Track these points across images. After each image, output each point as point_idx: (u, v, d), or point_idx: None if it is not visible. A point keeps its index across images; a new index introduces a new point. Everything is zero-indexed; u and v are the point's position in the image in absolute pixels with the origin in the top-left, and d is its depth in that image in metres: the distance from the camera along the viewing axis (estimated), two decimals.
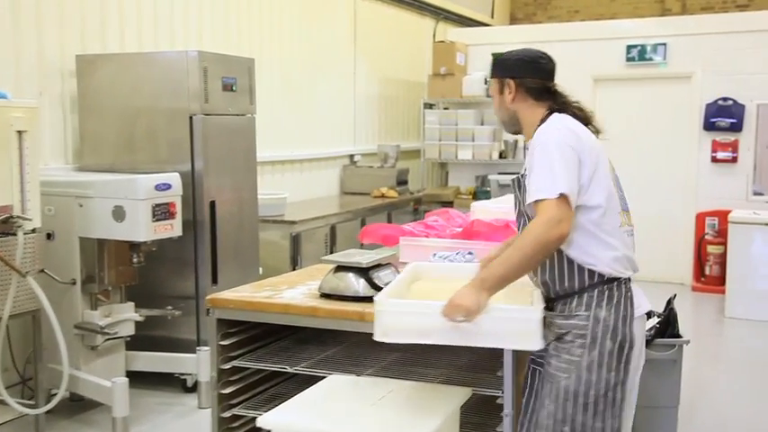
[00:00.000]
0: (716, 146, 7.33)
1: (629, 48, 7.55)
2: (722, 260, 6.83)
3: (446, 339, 2.18)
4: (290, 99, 6.55)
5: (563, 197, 2.10)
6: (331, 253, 5.88)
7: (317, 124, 6.96)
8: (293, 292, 2.83)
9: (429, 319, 2.14)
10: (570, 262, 2.23)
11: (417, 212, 7.45)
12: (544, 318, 2.19)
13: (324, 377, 2.60)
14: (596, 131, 2.34)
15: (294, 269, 5.39)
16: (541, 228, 2.07)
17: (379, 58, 7.93)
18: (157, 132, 4.38)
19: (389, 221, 6.86)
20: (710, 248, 7.13)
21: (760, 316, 6.05)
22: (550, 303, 2.30)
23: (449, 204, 7.77)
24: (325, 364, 2.79)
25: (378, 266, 2.80)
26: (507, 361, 2.40)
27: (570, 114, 2.30)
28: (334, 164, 7.32)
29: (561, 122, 2.27)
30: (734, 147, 7.28)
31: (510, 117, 2.40)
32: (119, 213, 3.86)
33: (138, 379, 4.32)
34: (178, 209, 4.06)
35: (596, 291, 2.22)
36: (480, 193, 7.86)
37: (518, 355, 2.45)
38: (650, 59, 7.50)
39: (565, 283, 2.25)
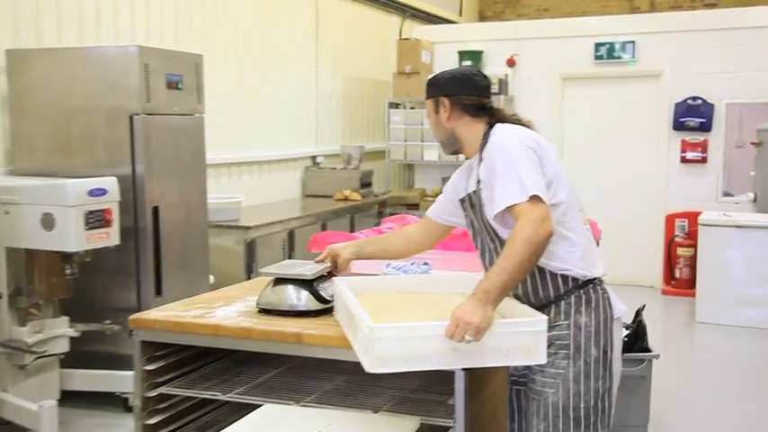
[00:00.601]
0: (685, 146, 7.20)
1: (598, 46, 7.39)
2: (692, 263, 6.68)
3: (447, 363, 2.00)
4: (247, 98, 6.27)
5: (536, 197, 2.04)
6: (289, 259, 5.63)
7: (276, 124, 6.69)
8: (228, 310, 2.57)
9: (430, 343, 1.94)
10: (541, 270, 2.17)
11: (382, 215, 7.20)
12: None
13: (260, 405, 2.36)
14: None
15: (249, 277, 5.15)
16: (529, 228, 1.99)
17: (343, 57, 7.68)
18: (96, 133, 4.08)
19: (352, 225, 6.61)
20: (680, 251, 6.99)
21: (731, 321, 5.90)
22: None
23: (414, 207, 7.56)
24: (262, 389, 2.53)
25: (322, 278, 2.55)
26: (459, 387, 2.15)
27: (510, 123, 2.27)
28: (296, 165, 7.06)
29: (511, 128, 2.23)
30: (703, 147, 7.15)
31: (448, 137, 2.33)
32: (48, 221, 3.56)
33: (76, 398, 4.04)
34: (115, 216, 3.78)
35: (573, 296, 2.17)
36: None
37: (472, 380, 2.22)
38: (619, 58, 7.34)
39: (540, 293, 2.19)
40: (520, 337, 1.98)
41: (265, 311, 2.49)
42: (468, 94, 2.28)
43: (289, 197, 6.93)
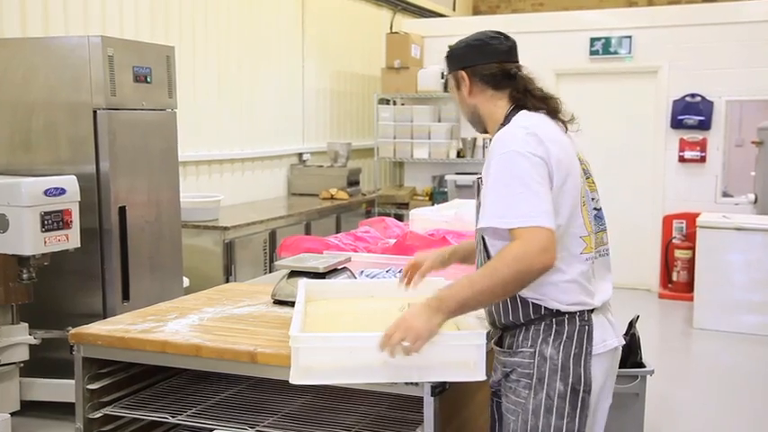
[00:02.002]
0: (683, 145, 6.97)
1: (593, 40, 7.15)
2: (690, 266, 6.46)
3: (376, 377, 1.85)
4: (230, 93, 6.03)
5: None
6: (271, 261, 5.42)
7: (260, 121, 6.45)
8: (179, 324, 2.34)
9: (357, 355, 1.83)
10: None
11: (370, 215, 6.98)
12: (491, 351, 1.97)
13: (211, 429, 2.14)
14: (564, 125, 2.01)
15: (228, 279, 4.95)
16: (519, 255, 1.75)
17: (331, 51, 7.43)
18: (57, 129, 3.85)
19: (338, 225, 6.39)
20: (678, 253, 6.77)
21: (730, 327, 5.67)
22: (500, 336, 2.05)
23: (404, 206, 7.34)
24: (217, 410, 2.31)
25: (334, 271, 2.65)
26: (428, 415, 1.93)
27: (532, 107, 1.96)
28: (281, 163, 6.82)
29: (525, 126, 1.91)
30: (702, 146, 6.92)
31: (472, 114, 2.08)
32: (1, 222, 3.35)
33: (36, 408, 3.84)
34: (75, 217, 3.55)
35: (543, 324, 1.93)
36: (437, 194, 7.42)
37: (446, 403, 2.00)
38: (615, 53, 7.10)
39: (509, 316, 1.96)
40: (455, 351, 1.86)
41: (281, 302, 2.57)
42: (488, 62, 2.01)
43: (273, 196, 6.70)
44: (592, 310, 1.93)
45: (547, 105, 1.99)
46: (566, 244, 1.89)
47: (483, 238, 1.98)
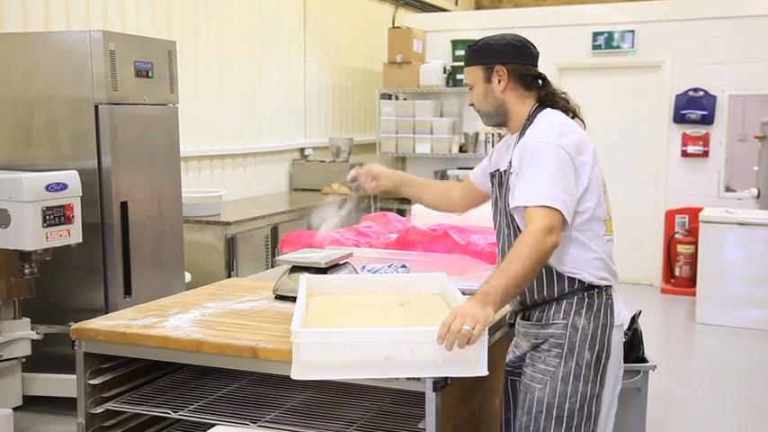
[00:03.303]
0: (686, 139, 6.95)
1: (596, 35, 7.13)
2: (693, 261, 6.46)
3: (378, 373, 1.86)
4: (231, 88, 6.03)
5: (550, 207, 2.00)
6: (272, 256, 5.42)
7: (262, 116, 6.45)
8: (181, 319, 2.34)
9: (359, 350, 1.85)
10: (549, 269, 2.12)
11: (372, 210, 6.97)
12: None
13: (213, 424, 2.13)
14: (583, 125, 2.23)
15: (230, 274, 4.96)
16: (537, 236, 1.95)
17: (333, 46, 7.42)
18: (59, 124, 3.84)
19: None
20: (681, 248, 6.76)
21: (732, 322, 5.66)
22: (526, 312, 2.21)
23: (406, 201, 7.32)
24: (218, 405, 2.31)
25: (336, 266, 2.65)
26: (430, 410, 1.93)
27: (559, 108, 2.18)
28: (282, 158, 6.82)
29: (558, 122, 2.12)
30: (705, 140, 6.90)
31: (497, 108, 2.22)
32: (3, 218, 3.34)
33: (39, 403, 3.84)
34: (77, 212, 3.55)
35: (576, 298, 2.12)
36: None
37: (450, 396, 2.00)
38: (617, 47, 7.08)
39: (543, 291, 2.14)
40: (457, 348, 1.84)
41: (282, 298, 2.55)
42: (524, 63, 2.18)
43: (275, 191, 6.70)
44: (610, 287, 2.16)
45: (569, 106, 2.21)
46: (593, 226, 2.12)
47: (512, 218, 2.15)
